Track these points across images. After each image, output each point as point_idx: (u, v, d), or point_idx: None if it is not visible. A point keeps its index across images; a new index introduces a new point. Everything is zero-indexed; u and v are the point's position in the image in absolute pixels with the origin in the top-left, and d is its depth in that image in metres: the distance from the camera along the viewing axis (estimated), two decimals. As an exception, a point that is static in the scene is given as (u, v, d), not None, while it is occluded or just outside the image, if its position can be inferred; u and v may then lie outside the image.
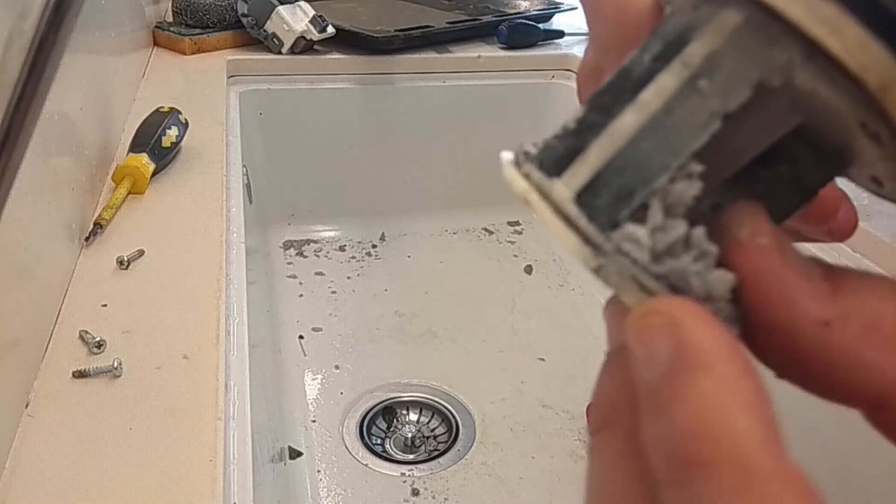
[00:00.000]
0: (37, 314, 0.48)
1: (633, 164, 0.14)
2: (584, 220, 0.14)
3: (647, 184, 0.14)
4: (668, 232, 0.14)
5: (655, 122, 0.14)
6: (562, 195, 0.15)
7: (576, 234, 0.15)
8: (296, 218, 1.14)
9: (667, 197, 0.14)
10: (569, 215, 0.15)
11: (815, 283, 0.14)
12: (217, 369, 0.48)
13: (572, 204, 0.15)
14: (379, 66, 1.09)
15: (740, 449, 0.11)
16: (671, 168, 0.14)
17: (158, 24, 1.10)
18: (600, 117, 0.15)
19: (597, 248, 0.14)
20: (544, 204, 0.15)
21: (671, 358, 0.12)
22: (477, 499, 0.75)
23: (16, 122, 0.25)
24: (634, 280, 0.14)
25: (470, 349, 0.94)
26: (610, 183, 0.14)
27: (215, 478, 0.40)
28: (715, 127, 0.14)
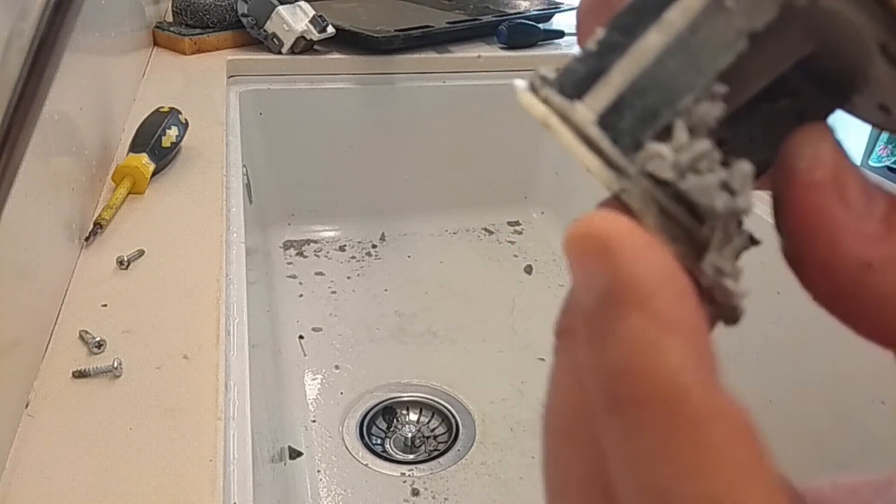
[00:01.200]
0: (37, 314, 0.48)
1: (658, 85, 0.14)
2: (607, 142, 0.14)
3: (672, 104, 0.14)
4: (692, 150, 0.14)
5: (680, 42, 0.14)
6: (584, 117, 0.14)
7: (598, 158, 0.14)
8: (296, 218, 1.14)
9: (690, 118, 0.14)
10: (591, 138, 0.14)
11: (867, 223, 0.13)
12: (217, 369, 0.48)
13: (595, 126, 0.14)
14: (379, 66, 1.09)
15: (671, 388, 0.11)
16: (696, 88, 0.14)
17: (158, 24, 1.10)
18: (623, 38, 0.15)
19: (620, 170, 0.14)
20: (565, 127, 0.15)
21: (605, 288, 0.12)
22: (477, 499, 0.75)
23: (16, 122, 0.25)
24: (657, 203, 0.14)
25: (470, 349, 0.94)
26: (634, 104, 0.14)
27: (215, 478, 0.40)
28: (741, 46, 0.14)
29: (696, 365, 0.11)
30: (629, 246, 0.12)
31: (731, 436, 0.11)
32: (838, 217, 0.13)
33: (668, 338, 0.11)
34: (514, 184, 1.23)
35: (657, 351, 0.11)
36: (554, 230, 1.20)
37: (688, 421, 0.11)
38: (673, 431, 0.11)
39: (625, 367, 0.12)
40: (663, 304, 0.12)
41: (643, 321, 0.12)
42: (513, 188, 1.23)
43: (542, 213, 1.23)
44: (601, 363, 0.12)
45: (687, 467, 0.11)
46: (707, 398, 0.11)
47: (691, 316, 0.12)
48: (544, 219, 1.23)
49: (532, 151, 1.20)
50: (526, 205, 1.24)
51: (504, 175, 1.21)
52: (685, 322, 0.12)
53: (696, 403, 0.11)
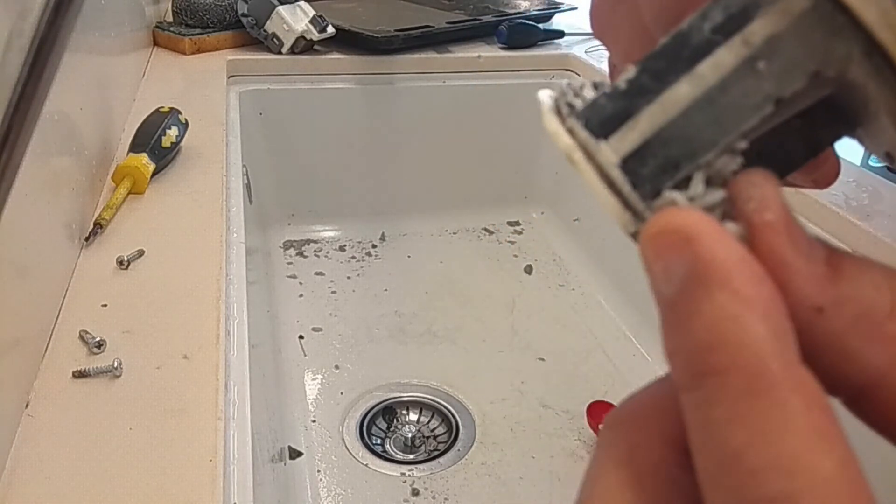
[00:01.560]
0: (37, 314, 0.48)
1: (682, 137, 0.14)
2: (628, 186, 0.15)
3: (694, 158, 0.14)
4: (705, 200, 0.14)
5: (709, 98, 0.14)
6: (608, 159, 0.15)
7: (617, 199, 0.15)
8: (296, 218, 1.14)
9: (709, 169, 0.14)
10: (613, 180, 0.15)
11: (816, 266, 0.14)
12: (217, 369, 0.48)
13: (618, 169, 0.15)
14: (379, 66, 1.09)
15: (753, 356, 0.12)
16: (719, 145, 0.14)
17: (158, 24, 1.10)
18: (653, 83, 0.15)
19: (637, 214, 0.15)
20: (589, 165, 0.15)
21: (688, 273, 0.13)
22: (477, 499, 0.75)
23: (16, 122, 0.25)
24: None
25: (470, 349, 0.94)
26: (657, 153, 0.15)
27: (215, 478, 0.40)
28: (767, 111, 0.14)
29: (776, 338, 0.12)
30: (707, 233, 0.13)
31: (809, 405, 0.12)
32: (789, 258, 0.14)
33: (750, 312, 0.12)
34: (514, 184, 1.23)
35: (741, 323, 0.12)
36: (554, 230, 1.20)
37: (768, 387, 0.12)
38: (754, 396, 0.12)
39: (710, 340, 0.12)
40: (744, 282, 0.12)
41: (728, 297, 0.12)
42: (513, 188, 1.23)
43: (542, 213, 1.23)
44: (687, 343, 0.13)
45: (764, 431, 0.12)
46: (786, 368, 0.12)
47: (770, 293, 0.13)
48: (544, 219, 1.23)
49: (532, 151, 1.20)
50: (526, 205, 1.24)
51: (504, 175, 1.21)
52: (765, 298, 0.12)
53: (777, 372, 0.12)
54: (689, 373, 0.13)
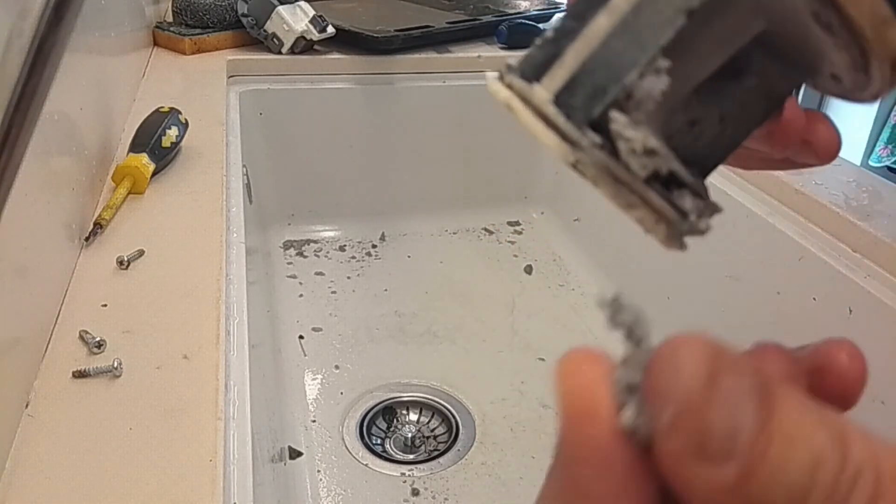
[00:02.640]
0: (37, 314, 0.48)
1: (606, 63, 0.15)
2: (561, 118, 0.15)
3: (619, 80, 0.15)
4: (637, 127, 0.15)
5: (625, 23, 0.15)
6: (541, 97, 0.16)
7: (555, 133, 0.16)
8: (296, 218, 1.14)
9: (637, 92, 0.15)
10: (548, 115, 0.16)
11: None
12: (217, 369, 0.48)
13: (551, 105, 0.15)
14: (379, 66, 1.09)
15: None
16: (640, 64, 0.15)
17: (158, 24, 1.10)
18: (576, 23, 0.16)
19: (574, 143, 0.15)
20: (526, 109, 0.16)
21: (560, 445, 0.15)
22: (477, 499, 0.75)
23: (16, 122, 0.25)
24: (609, 172, 0.15)
25: (470, 349, 0.94)
26: (585, 82, 0.15)
27: (215, 478, 0.40)
28: (680, 23, 0.15)
29: None
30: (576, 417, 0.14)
31: None
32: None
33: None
34: (514, 184, 1.23)
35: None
36: (554, 230, 1.20)
37: None
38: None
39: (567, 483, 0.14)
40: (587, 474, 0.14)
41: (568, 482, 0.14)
42: (513, 188, 1.23)
43: (542, 213, 1.23)
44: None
45: None
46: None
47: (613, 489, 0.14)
48: (544, 219, 1.23)
49: (532, 151, 1.20)
50: (526, 205, 1.24)
51: (504, 175, 1.21)
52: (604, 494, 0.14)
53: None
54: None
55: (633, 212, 0.16)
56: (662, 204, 0.16)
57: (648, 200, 0.16)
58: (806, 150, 0.21)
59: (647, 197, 0.16)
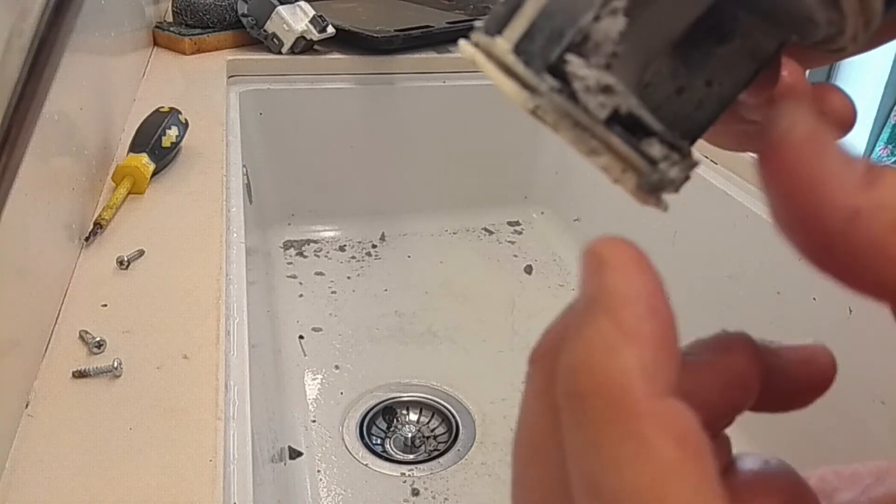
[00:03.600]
0: (37, 314, 0.48)
1: (562, 8, 0.15)
2: (520, 66, 0.15)
3: (575, 22, 0.15)
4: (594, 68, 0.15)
5: None
6: (501, 48, 0.16)
7: (515, 81, 0.15)
8: (296, 218, 1.14)
9: (595, 34, 0.15)
10: (507, 64, 0.16)
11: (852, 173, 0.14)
12: (217, 369, 0.48)
13: (510, 54, 0.15)
14: (379, 66, 1.09)
15: (615, 385, 0.12)
16: (595, 5, 0.15)
17: (158, 24, 1.10)
18: None
19: (533, 89, 0.15)
20: (489, 62, 0.16)
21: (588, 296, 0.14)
22: (477, 499, 0.75)
23: (16, 122, 0.25)
24: (568, 116, 0.15)
25: (470, 349, 0.94)
26: (543, 28, 0.15)
27: (215, 478, 0.40)
28: None
29: (645, 372, 0.12)
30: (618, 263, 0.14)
31: (664, 436, 0.12)
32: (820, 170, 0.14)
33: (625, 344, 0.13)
34: (514, 184, 1.23)
35: (612, 352, 0.13)
36: (554, 230, 1.20)
37: (623, 415, 0.12)
38: (610, 424, 0.12)
39: (581, 362, 0.13)
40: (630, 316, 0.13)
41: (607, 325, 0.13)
42: (513, 188, 1.23)
43: (542, 213, 1.23)
44: (566, 361, 0.13)
45: (616, 458, 0.12)
46: (647, 400, 0.12)
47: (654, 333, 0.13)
48: (544, 219, 1.23)
49: (532, 151, 1.20)
50: (526, 205, 1.24)
51: (504, 175, 1.21)
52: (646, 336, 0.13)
53: (635, 402, 0.12)
54: (562, 392, 0.13)
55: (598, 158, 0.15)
56: (626, 149, 0.15)
57: (612, 145, 0.15)
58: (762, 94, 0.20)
59: (609, 141, 0.15)
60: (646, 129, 0.15)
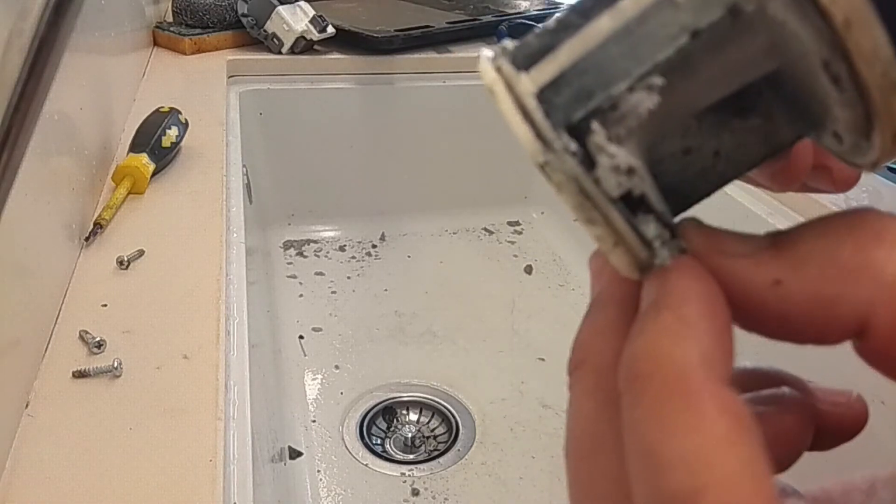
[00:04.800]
0: (37, 314, 0.48)
1: (598, 68, 0.15)
2: (539, 114, 0.15)
3: (607, 88, 0.15)
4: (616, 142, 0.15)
5: (627, 29, 0.15)
6: (524, 88, 0.15)
7: (530, 128, 0.15)
8: (296, 218, 1.14)
9: (623, 105, 0.15)
10: (527, 108, 0.15)
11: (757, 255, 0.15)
12: (217, 369, 0.48)
13: (532, 98, 0.15)
14: (379, 66, 1.09)
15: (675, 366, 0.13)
16: (632, 76, 0.14)
17: (158, 24, 1.10)
18: (578, 19, 0.15)
19: (547, 143, 0.15)
20: (508, 96, 0.15)
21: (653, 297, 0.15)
22: (477, 499, 0.75)
23: (16, 122, 0.25)
24: (576, 182, 0.15)
25: (470, 349, 0.94)
26: (572, 82, 0.15)
27: (215, 478, 0.40)
28: (682, 41, 0.14)
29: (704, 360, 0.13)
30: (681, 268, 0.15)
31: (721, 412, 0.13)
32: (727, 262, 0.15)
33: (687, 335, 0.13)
34: (514, 184, 1.23)
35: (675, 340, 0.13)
36: (554, 230, 1.20)
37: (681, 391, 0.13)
38: (666, 399, 0.13)
39: (644, 350, 0.14)
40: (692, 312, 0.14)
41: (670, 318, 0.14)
42: (513, 188, 1.23)
43: (542, 213, 1.23)
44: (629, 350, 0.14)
45: (671, 427, 0.13)
46: (705, 381, 0.13)
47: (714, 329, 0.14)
48: (544, 219, 1.23)
49: (532, 151, 1.20)
50: (526, 205, 1.24)
51: (504, 175, 1.21)
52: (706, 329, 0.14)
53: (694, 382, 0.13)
54: (623, 376, 0.14)
55: (593, 228, 0.15)
56: (625, 227, 0.15)
57: (611, 220, 0.15)
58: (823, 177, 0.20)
59: (610, 216, 0.15)
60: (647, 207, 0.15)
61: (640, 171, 0.15)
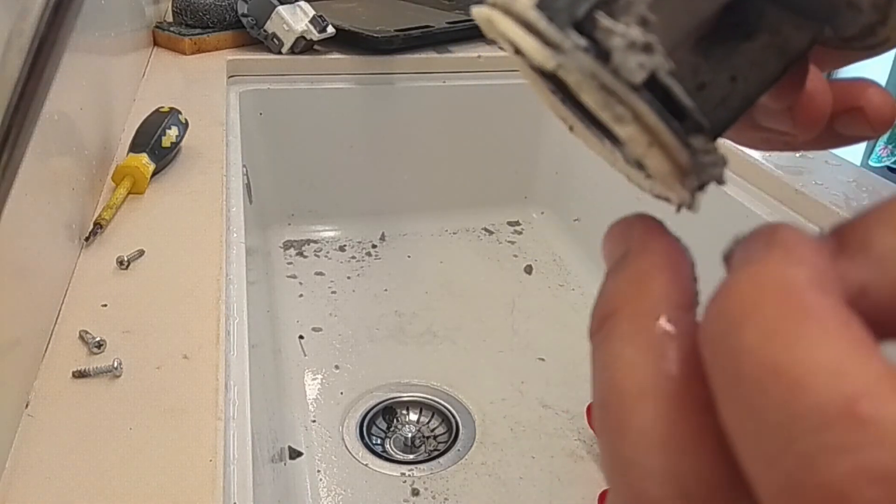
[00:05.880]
0: (37, 314, 0.48)
1: None
2: (543, 21, 0.14)
3: None
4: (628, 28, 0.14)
5: None
6: (523, 4, 0.14)
7: (536, 39, 0.14)
8: (296, 218, 1.14)
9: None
10: (528, 21, 0.14)
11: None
12: (217, 369, 0.48)
13: (533, 9, 0.14)
14: (379, 66, 1.09)
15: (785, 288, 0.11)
16: None
17: (158, 24, 1.10)
18: None
19: (556, 47, 0.14)
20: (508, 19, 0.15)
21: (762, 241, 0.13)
22: (477, 499, 0.75)
23: (16, 122, 0.25)
24: (594, 77, 0.14)
25: (470, 349, 0.94)
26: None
27: (215, 478, 0.40)
28: None
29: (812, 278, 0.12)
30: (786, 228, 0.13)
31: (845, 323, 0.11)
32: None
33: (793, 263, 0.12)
34: (514, 184, 1.23)
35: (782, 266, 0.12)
36: (554, 230, 1.20)
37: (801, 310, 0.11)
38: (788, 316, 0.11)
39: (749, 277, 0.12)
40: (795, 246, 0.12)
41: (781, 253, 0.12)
42: (513, 188, 1.23)
43: (542, 213, 1.23)
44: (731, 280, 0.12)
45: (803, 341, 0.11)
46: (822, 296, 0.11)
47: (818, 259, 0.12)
48: (544, 219, 1.23)
49: (532, 151, 1.20)
50: (526, 205, 1.24)
51: (504, 175, 1.21)
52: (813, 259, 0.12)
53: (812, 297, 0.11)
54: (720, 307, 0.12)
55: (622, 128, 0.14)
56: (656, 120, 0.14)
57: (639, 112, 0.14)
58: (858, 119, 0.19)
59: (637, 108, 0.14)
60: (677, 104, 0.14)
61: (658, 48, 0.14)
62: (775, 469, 0.10)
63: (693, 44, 0.16)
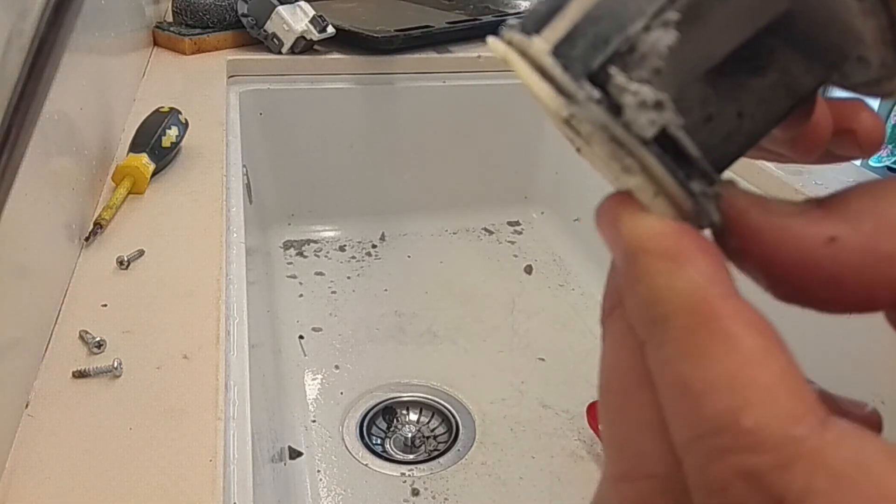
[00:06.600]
0: (37, 314, 0.48)
1: (611, 13, 0.14)
2: (558, 69, 0.14)
3: (623, 30, 0.14)
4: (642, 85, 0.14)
5: None
6: (539, 48, 0.15)
7: (550, 86, 0.14)
8: (296, 218, 1.14)
9: (642, 45, 0.14)
10: (544, 67, 0.15)
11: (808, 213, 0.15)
12: (217, 369, 0.48)
13: (548, 56, 0.14)
14: (379, 66, 1.09)
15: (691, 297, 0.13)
16: (647, 14, 0.14)
17: (158, 24, 1.10)
18: None
19: (570, 96, 0.14)
20: (523, 61, 0.15)
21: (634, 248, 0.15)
22: (477, 499, 0.75)
23: (16, 122, 0.25)
24: (605, 129, 0.14)
25: (470, 349, 0.94)
26: (587, 32, 0.14)
27: (215, 478, 0.40)
28: None
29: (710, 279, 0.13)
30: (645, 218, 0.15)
31: (746, 327, 0.13)
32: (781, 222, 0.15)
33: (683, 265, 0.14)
34: (514, 184, 1.23)
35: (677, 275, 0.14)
36: (554, 230, 1.20)
37: (703, 318, 0.13)
38: (690, 331, 0.13)
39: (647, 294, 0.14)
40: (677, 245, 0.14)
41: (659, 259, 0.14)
42: (513, 188, 1.23)
43: (542, 213, 1.23)
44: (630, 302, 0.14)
45: (704, 355, 0.13)
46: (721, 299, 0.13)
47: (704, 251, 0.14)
48: (544, 219, 1.23)
49: (532, 151, 1.20)
50: (526, 205, 1.24)
51: (504, 175, 1.21)
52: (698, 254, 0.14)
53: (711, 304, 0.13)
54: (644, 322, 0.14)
55: (630, 179, 0.14)
56: (663, 172, 0.14)
57: (648, 165, 0.14)
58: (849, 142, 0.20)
59: (646, 161, 0.14)
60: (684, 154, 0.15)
61: (669, 105, 0.14)
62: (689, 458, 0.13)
63: (703, 74, 0.16)
